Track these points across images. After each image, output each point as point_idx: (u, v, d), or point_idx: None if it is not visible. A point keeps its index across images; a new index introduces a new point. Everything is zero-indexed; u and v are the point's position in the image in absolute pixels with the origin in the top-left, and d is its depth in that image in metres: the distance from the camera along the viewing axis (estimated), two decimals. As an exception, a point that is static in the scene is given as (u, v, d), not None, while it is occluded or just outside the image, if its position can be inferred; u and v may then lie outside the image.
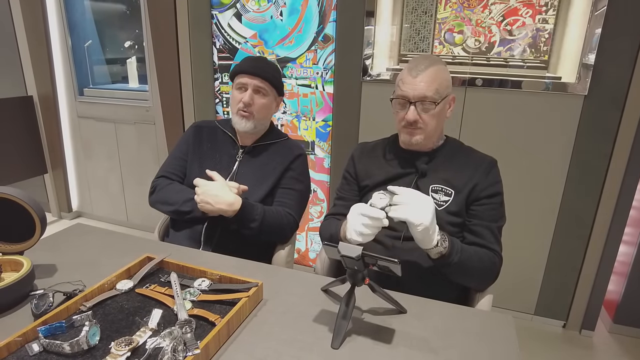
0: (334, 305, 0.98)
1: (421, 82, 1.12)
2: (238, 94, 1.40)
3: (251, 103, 1.38)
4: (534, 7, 1.88)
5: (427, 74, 1.13)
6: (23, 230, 1.06)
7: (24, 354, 0.77)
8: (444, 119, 1.20)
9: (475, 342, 0.87)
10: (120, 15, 3.13)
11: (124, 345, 0.78)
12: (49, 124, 3.11)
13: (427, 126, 1.16)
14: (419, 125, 1.15)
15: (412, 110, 1.14)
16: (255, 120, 1.41)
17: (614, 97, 1.86)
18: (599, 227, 2.01)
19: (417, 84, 1.13)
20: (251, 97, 1.38)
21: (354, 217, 1.01)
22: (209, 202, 1.26)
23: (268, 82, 1.39)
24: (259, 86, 1.38)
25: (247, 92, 1.38)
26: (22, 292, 0.95)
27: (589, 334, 2.16)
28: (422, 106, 1.14)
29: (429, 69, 1.13)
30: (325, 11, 2.23)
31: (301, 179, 1.47)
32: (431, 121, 1.15)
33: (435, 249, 1.02)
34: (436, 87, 1.12)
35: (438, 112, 1.15)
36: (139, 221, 3.20)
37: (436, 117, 1.16)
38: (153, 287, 1.00)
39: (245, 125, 1.40)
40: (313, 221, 2.61)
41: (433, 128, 1.17)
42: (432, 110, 1.14)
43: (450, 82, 1.19)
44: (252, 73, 1.38)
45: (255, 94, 1.39)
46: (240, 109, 1.39)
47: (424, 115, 1.14)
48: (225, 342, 0.84)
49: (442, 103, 1.15)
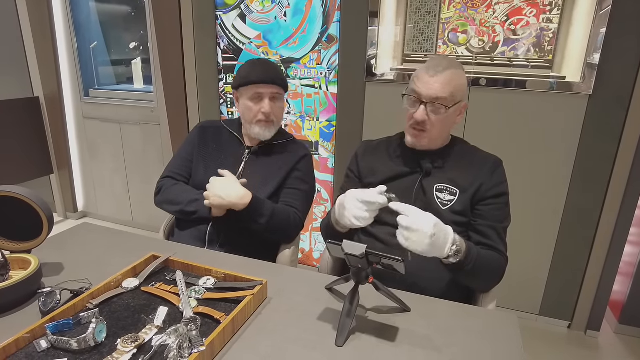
0: (338, 304, 0.98)
1: (437, 82, 1.11)
2: (254, 105, 1.39)
3: (271, 112, 1.39)
4: (538, 7, 1.88)
5: (445, 75, 1.11)
6: (31, 229, 1.07)
7: (33, 351, 0.78)
8: (452, 125, 1.19)
9: (479, 341, 0.87)
10: (125, 17, 3.15)
11: (130, 342, 0.79)
12: (55, 124, 3.14)
13: (434, 128, 1.14)
14: (427, 126, 1.14)
15: (421, 110, 1.12)
16: (276, 125, 1.44)
17: (619, 96, 1.85)
18: (604, 227, 2.00)
19: (432, 83, 1.11)
20: (271, 107, 1.38)
21: (351, 202, 1.01)
22: (220, 195, 1.27)
23: (281, 87, 1.41)
24: (275, 93, 1.39)
25: (265, 102, 1.38)
26: (30, 290, 0.96)
27: (594, 334, 2.14)
28: (433, 107, 1.12)
29: (448, 71, 1.11)
30: (329, 12, 2.23)
31: (307, 180, 1.47)
32: (438, 124, 1.14)
33: (446, 260, 1.02)
34: (451, 91, 1.11)
35: (448, 116, 1.14)
36: (144, 221, 3.22)
37: (444, 121, 1.14)
38: (158, 285, 1.01)
39: (268, 134, 1.42)
40: (317, 221, 2.61)
41: (439, 132, 1.16)
42: (442, 114, 1.12)
43: (466, 89, 1.17)
44: (268, 82, 1.37)
45: (272, 101, 1.39)
46: (262, 120, 1.39)
47: (433, 117, 1.13)
48: (230, 339, 0.85)
49: (453, 108, 1.13)
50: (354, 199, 1.02)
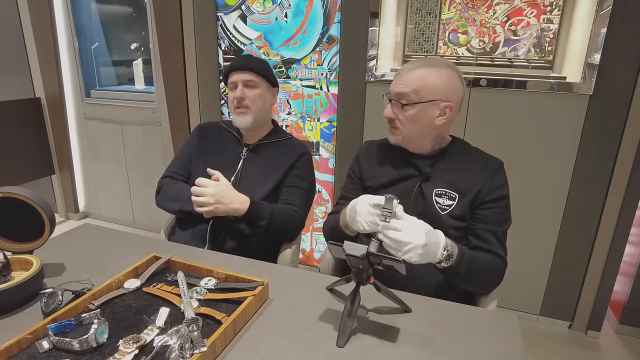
0: (339, 304, 0.99)
1: (403, 79, 1.12)
2: (232, 93, 1.44)
3: (244, 97, 1.40)
4: (539, 7, 1.88)
5: (414, 73, 1.11)
6: (32, 230, 1.08)
7: (34, 351, 0.78)
8: (431, 125, 1.14)
9: (480, 341, 0.88)
10: (126, 18, 3.16)
11: (131, 342, 0.79)
12: (57, 125, 3.14)
13: (404, 127, 1.15)
14: (396, 123, 1.16)
15: (388, 107, 1.15)
16: (253, 112, 1.42)
17: (620, 96, 1.85)
18: (605, 228, 2.00)
19: (399, 81, 1.13)
20: (242, 91, 1.40)
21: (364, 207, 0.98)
22: (223, 202, 1.26)
23: (255, 73, 1.42)
24: (247, 79, 1.41)
25: (237, 88, 1.41)
26: (32, 291, 0.96)
27: (595, 334, 2.14)
28: (397, 104, 1.13)
29: (420, 69, 1.11)
30: (330, 12, 2.24)
31: (306, 177, 1.47)
32: (407, 122, 1.13)
33: (438, 265, 1.01)
34: (415, 88, 1.10)
35: (415, 114, 1.12)
36: (145, 222, 3.22)
37: (413, 119, 1.12)
38: (160, 286, 1.01)
39: (244, 121, 1.42)
40: (318, 221, 2.61)
41: (410, 130, 1.14)
42: (408, 110, 1.12)
43: (448, 90, 1.11)
44: (239, 68, 1.42)
45: (246, 87, 1.41)
46: (236, 106, 1.42)
47: (399, 114, 1.14)
48: (232, 340, 0.85)
49: (419, 105, 1.11)
50: (366, 204, 0.99)
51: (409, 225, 0.94)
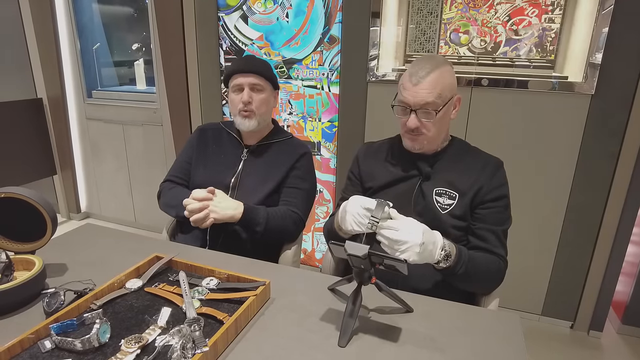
0: (341, 304, 0.99)
1: (422, 89, 1.08)
2: (236, 95, 1.41)
3: (250, 101, 1.39)
4: (540, 7, 1.88)
5: (429, 79, 1.08)
6: (34, 230, 1.08)
7: (37, 351, 0.79)
8: (449, 121, 1.18)
9: (481, 341, 0.88)
10: (127, 18, 3.16)
11: (133, 342, 0.80)
12: (58, 126, 3.15)
13: (430, 131, 1.13)
14: (422, 131, 1.13)
15: (412, 118, 1.11)
16: (258, 117, 1.42)
17: (622, 96, 1.85)
18: (607, 227, 2.00)
19: (417, 91, 1.09)
20: (249, 95, 1.39)
21: (354, 207, 1.01)
22: (216, 211, 1.28)
23: (262, 77, 1.41)
24: (254, 83, 1.40)
25: (244, 92, 1.39)
26: (34, 291, 0.96)
27: (597, 334, 2.14)
28: (423, 113, 1.10)
29: (430, 75, 1.08)
30: (331, 12, 2.24)
31: (306, 178, 1.47)
32: (433, 126, 1.12)
33: (437, 265, 1.02)
34: (438, 93, 1.09)
35: (441, 116, 1.12)
36: (147, 222, 3.23)
37: (439, 122, 1.12)
38: (162, 286, 1.01)
39: (249, 125, 1.41)
40: (319, 222, 2.61)
41: (436, 132, 1.14)
42: (435, 117, 1.10)
43: (455, 83, 1.14)
44: (245, 71, 1.39)
45: (252, 91, 1.40)
46: (241, 110, 1.40)
47: (426, 121, 1.11)
48: (234, 340, 0.85)
49: (445, 107, 1.11)
50: (356, 205, 1.01)
51: (405, 224, 0.95)
